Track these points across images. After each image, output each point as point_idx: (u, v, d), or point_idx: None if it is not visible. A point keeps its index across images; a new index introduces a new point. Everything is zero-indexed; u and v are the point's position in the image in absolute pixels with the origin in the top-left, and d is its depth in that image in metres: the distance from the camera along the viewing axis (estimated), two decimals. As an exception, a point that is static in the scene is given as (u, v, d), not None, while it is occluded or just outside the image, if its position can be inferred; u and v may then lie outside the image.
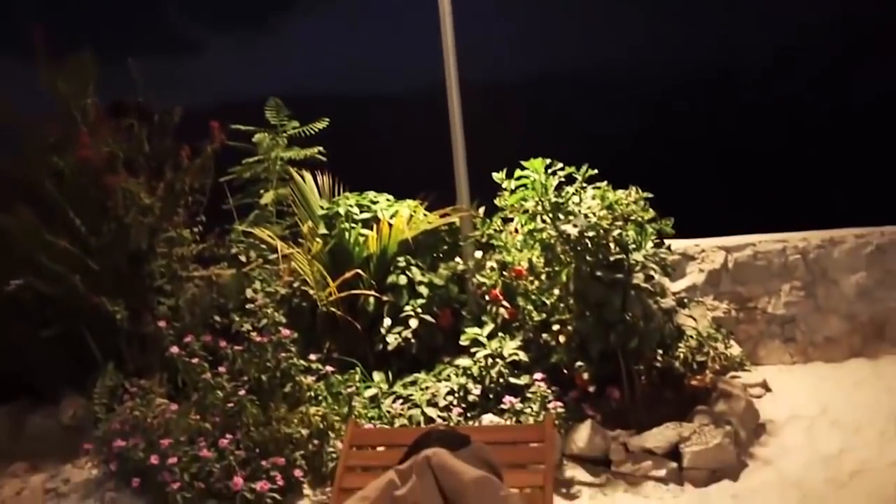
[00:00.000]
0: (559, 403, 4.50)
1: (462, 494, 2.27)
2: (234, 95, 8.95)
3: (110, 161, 5.17)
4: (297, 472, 4.31)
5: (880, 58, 9.33)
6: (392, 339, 5.02)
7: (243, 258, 5.42)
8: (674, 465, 4.38)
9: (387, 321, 5.11)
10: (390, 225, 5.33)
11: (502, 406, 4.48)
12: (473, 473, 2.34)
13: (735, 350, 5.48)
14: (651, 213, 4.73)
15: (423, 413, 4.48)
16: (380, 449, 3.44)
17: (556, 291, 4.85)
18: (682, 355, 4.95)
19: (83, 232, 5.14)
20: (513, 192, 4.86)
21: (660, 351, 4.92)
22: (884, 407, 5.11)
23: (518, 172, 4.76)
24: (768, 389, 5.47)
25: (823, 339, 6.01)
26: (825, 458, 4.52)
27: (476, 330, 4.92)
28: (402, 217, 5.41)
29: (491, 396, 4.62)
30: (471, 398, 4.59)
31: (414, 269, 5.23)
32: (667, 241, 4.83)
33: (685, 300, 5.12)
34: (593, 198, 4.71)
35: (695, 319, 5.12)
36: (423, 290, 5.12)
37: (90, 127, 5.23)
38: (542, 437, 2.94)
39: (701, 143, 9.50)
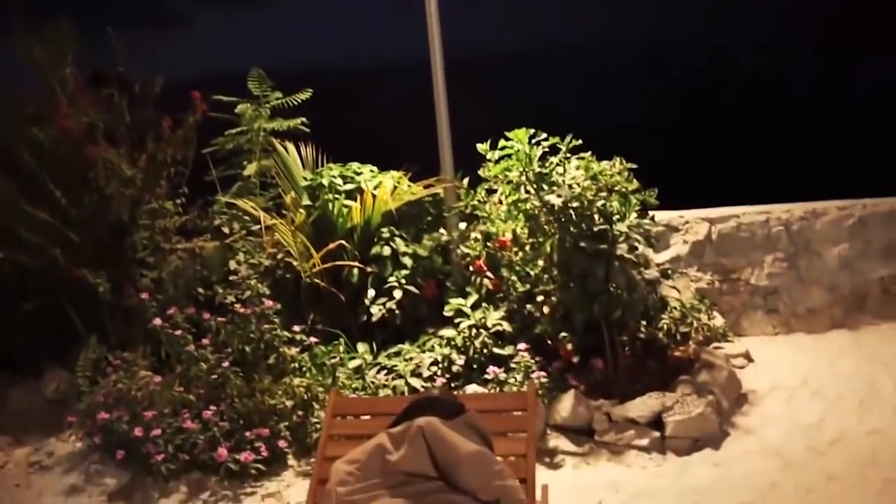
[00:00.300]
0: (543, 374, 4.51)
1: (457, 467, 2.26)
2: (217, 69, 8.88)
3: (90, 132, 5.12)
4: (282, 443, 4.32)
5: (855, 36, 9.36)
6: (376, 311, 5.01)
7: (226, 230, 5.39)
8: (656, 434, 4.41)
9: (371, 292, 5.10)
10: (374, 196, 5.30)
11: (486, 376, 4.49)
12: (469, 448, 2.32)
13: (718, 321, 5.51)
14: (635, 184, 4.72)
15: (408, 384, 4.49)
16: (363, 418, 3.43)
17: (541, 262, 4.85)
18: (665, 326, 4.97)
19: (63, 204, 5.09)
20: (497, 162, 4.84)
21: (643, 322, 4.94)
22: (864, 377, 5.17)
23: (502, 143, 4.73)
24: (751, 360, 5.51)
25: (805, 310, 6.05)
26: (805, 427, 4.58)
27: (460, 301, 4.92)
28: (386, 188, 5.38)
29: (475, 367, 4.63)
30: (455, 368, 4.59)
31: (398, 240, 5.21)
32: (651, 212, 4.83)
33: (669, 271, 5.14)
34: (577, 168, 4.70)
35: (678, 291, 5.14)
36: (408, 261, 5.11)
37: (69, 97, 5.17)
38: (524, 405, 2.94)
39: (686, 116, 9.50)
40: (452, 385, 4.57)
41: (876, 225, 6.19)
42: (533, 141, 4.75)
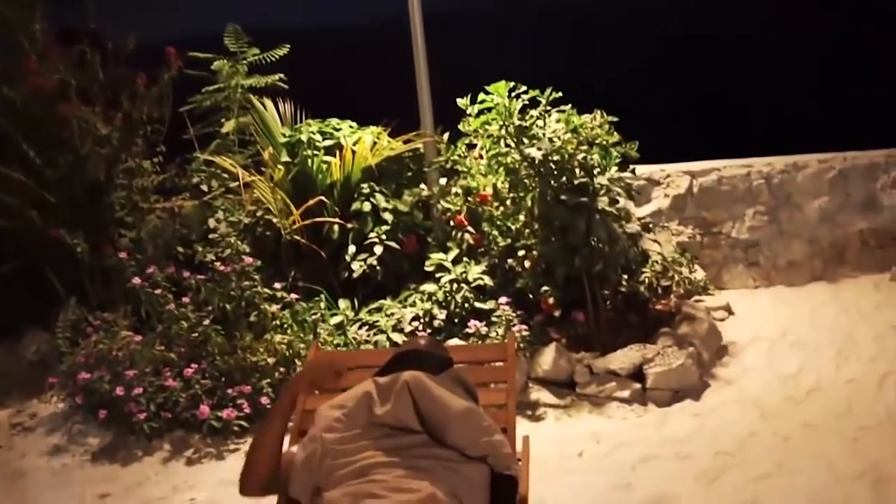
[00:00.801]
0: (524, 327, 4.52)
1: (446, 425, 2.24)
2: (192, 30, 8.70)
3: (63, 89, 5.02)
4: (264, 400, 4.32)
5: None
6: (357, 267, 4.99)
7: (205, 188, 5.33)
8: (637, 386, 4.45)
9: (351, 248, 5.07)
10: (354, 152, 5.25)
11: (468, 330, 4.50)
12: (457, 405, 2.30)
13: (699, 274, 5.54)
14: (616, 137, 4.69)
15: (389, 339, 4.49)
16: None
17: (521, 217, 4.84)
18: (646, 280, 4.98)
19: (38, 164, 5.01)
20: (477, 116, 4.80)
21: (625, 276, 4.95)
22: (841, 328, 5.23)
23: (482, 96, 4.68)
24: (731, 313, 5.56)
25: (786, 263, 6.09)
26: (784, 378, 4.63)
27: (441, 255, 4.91)
28: (366, 144, 5.33)
29: (456, 321, 4.63)
30: (436, 323, 4.59)
31: (378, 195, 5.17)
32: (632, 166, 4.81)
33: (650, 225, 5.14)
34: (557, 121, 4.66)
35: (659, 244, 5.14)
36: (388, 216, 5.08)
37: (39, 54, 5.06)
38: (504, 356, 2.93)
39: (669, 69, 9.45)
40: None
41: (856, 178, 6.22)
42: (513, 94, 4.70)
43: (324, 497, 2.12)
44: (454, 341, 4.53)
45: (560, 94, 4.67)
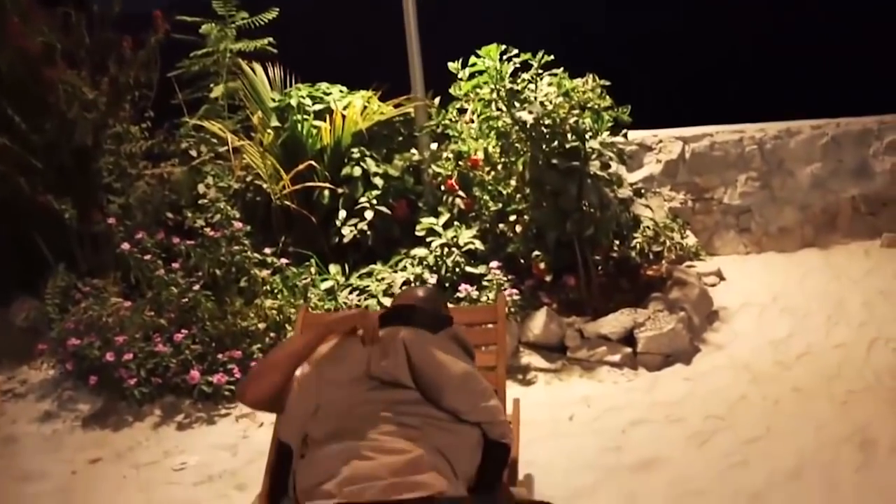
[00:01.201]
0: (515, 291, 4.51)
1: (443, 388, 2.22)
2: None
3: (48, 53, 4.94)
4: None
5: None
6: (347, 232, 4.97)
7: (194, 153, 5.27)
8: (628, 350, 4.45)
9: (342, 213, 5.04)
10: (344, 116, 5.20)
11: (458, 294, 4.47)
12: (455, 368, 2.28)
13: (691, 240, 5.54)
14: (608, 101, 4.65)
15: (379, 303, 4.47)
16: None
17: (513, 181, 4.81)
18: (638, 245, 4.98)
19: (24, 129, 4.95)
20: (469, 80, 4.75)
21: (616, 241, 4.95)
22: (832, 294, 5.25)
23: (473, 59, 4.63)
24: (722, 278, 5.57)
25: (777, 229, 6.09)
26: (774, 342, 4.65)
27: (432, 220, 4.88)
28: (356, 108, 5.28)
29: (447, 285, 4.60)
30: (427, 288, 4.57)
31: (368, 160, 5.13)
32: (624, 130, 4.78)
33: (642, 190, 5.12)
34: (549, 85, 4.62)
35: (651, 209, 5.13)
36: (379, 181, 5.04)
37: (21, 15, 4.97)
38: (494, 317, 2.93)
39: (664, 33, 9.36)
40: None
41: (849, 144, 6.21)
42: (504, 58, 4.65)
43: (311, 450, 2.11)
44: (445, 306, 4.52)
45: (552, 57, 4.62)
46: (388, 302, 4.47)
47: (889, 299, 5.12)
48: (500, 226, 4.85)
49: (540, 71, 4.66)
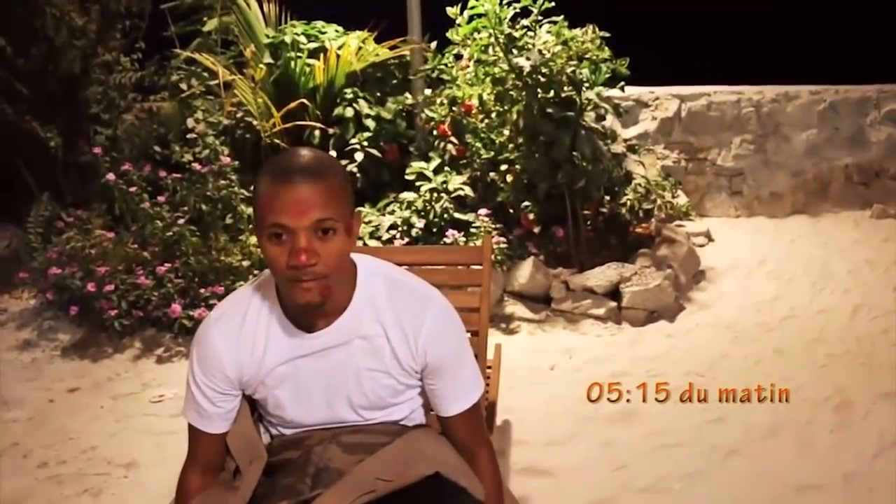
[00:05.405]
0: (502, 240, 4.48)
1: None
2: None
3: (34, -26, 4.82)
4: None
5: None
6: (337, 173, 4.89)
7: (184, 86, 5.17)
8: (613, 304, 4.44)
9: (332, 154, 4.98)
10: (338, 56, 5.10)
11: (445, 240, 4.43)
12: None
13: (682, 200, 5.52)
14: (607, 53, 4.57)
15: (365, 245, 4.43)
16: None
17: (506, 131, 4.75)
18: (628, 202, 4.95)
19: (9, 53, 4.84)
20: (467, 23, 4.65)
21: (607, 197, 4.91)
22: (818, 261, 5.26)
23: (472, 2, 4.54)
24: (711, 239, 5.56)
25: (769, 194, 6.08)
26: (759, 304, 4.66)
27: (422, 164, 4.81)
28: (351, 48, 5.17)
29: (434, 230, 4.56)
30: (414, 232, 4.51)
31: (361, 101, 5.05)
32: (621, 83, 4.71)
33: (636, 147, 5.08)
34: (548, 32, 4.54)
35: (644, 166, 5.10)
36: (371, 123, 4.96)
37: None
38: (480, 258, 2.89)
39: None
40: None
41: (846, 112, 6.17)
42: (504, 2, 4.56)
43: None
44: (431, 251, 4.48)
45: (552, 3, 4.53)
46: (373, 244, 4.44)
47: (875, 269, 5.14)
48: (491, 174, 4.81)
49: (540, 17, 4.57)
